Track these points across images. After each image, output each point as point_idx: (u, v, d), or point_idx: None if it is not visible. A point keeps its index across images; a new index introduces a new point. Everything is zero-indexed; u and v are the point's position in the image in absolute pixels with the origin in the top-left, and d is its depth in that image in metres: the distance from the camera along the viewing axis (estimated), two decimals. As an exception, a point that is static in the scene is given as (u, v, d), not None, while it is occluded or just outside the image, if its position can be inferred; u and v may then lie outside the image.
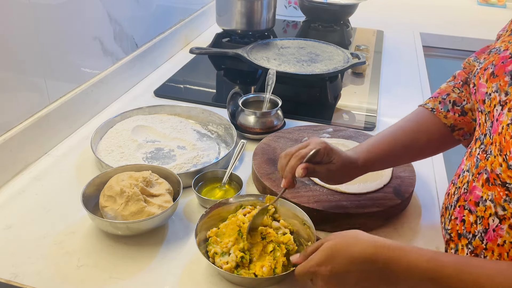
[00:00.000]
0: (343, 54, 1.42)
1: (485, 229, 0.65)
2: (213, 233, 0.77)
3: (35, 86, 0.98)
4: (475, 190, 0.67)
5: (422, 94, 1.41)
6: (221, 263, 0.72)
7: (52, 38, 1.01)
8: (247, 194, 0.84)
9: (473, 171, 0.69)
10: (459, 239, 0.70)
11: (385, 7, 2.31)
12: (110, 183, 0.82)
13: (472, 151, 0.71)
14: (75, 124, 1.11)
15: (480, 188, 0.66)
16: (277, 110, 1.14)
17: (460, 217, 0.70)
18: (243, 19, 1.55)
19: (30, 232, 0.81)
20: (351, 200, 0.87)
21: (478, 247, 0.66)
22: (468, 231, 0.68)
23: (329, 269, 0.63)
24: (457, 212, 0.70)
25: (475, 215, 0.67)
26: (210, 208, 0.80)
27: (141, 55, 1.36)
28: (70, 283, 0.72)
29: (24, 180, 0.94)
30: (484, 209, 0.65)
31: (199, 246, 0.74)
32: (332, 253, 0.64)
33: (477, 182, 0.67)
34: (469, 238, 0.68)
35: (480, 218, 0.66)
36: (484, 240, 0.65)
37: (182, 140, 1.07)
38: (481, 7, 2.41)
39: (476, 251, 0.66)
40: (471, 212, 0.67)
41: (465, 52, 1.98)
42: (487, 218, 0.65)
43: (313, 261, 0.65)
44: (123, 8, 1.25)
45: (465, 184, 0.70)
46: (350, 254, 0.63)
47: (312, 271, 0.65)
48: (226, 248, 0.74)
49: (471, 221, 0.67)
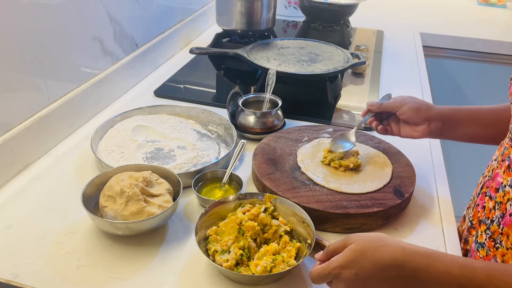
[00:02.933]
0: (343, 54, 1.42)
1: (502, 214, 0.65)
2: (213, 232, 0.77)
3: (35, 86, 0.98)
4: (497, 177, 0.68)
5: (422, 94, 1.41)
6: (221, 261, 0.72)
7: (52, 38, 1.01)
8: (246, 193, 0.84)
9: (499, 159, 0.69)
10: (479, 226, 0.70)
11: (385, 7, 2.32)
12: (110, 183, 0.82)
13: (503, 142, 0.72)
14: (75, 124, 1.11)
15: (502, 175, 0.67)
16: (277, 110, 1.14)
17: (481, 204, 0.70)
18: (243, 19, 1.55)
19: (30, 232, 0.81)
20: (351, 200, 0.87)
21: (495, 232, 0.66)
22: (487, 217, 0.68)
23: (354, 272, 0.60)
24: (479, 199, 0.71)
25: (494, 201, 0.67)
26: (209, 207, 0.80)
27: (141, 55, 1.36)
28: (70, 283, 0.72)
29: (24, 180, 0.94)
30: (503, 195, 0.65)
31: (199, 245, 0.74)
32: (358, 256, 0.61)
33: (500, 169, 0.68)
34: (487, 224, 0.68)
35: (498, 204, 0.66)
36: (501, 225, 0.65)
37: (182, 140, 1.07)
38: (481, 7, 2.41)
39: (493, 236, 0.66)
40: (491, 198, 0.68)
41: (465, 52, 1.98)
42: (505, 203, 0.65)
43: (336, 262, 0.62)
44: (123, 8, 1.25)
45: (490, 172, 0.71)
46: (377, 259, 0.60)
47: (334, 274, 0.62)
48: (226, 246, 0.74)
49: (490, 207, 0.68)
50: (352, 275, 0.60)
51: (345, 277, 0.61)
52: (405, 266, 0.59)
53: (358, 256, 0.61)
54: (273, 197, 0.83)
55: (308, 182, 0.91)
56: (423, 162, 1.03)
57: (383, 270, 0.59)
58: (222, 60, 1.54)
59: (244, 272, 0.71)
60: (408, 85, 1.48)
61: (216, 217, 0.81)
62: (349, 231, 0.84)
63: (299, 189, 0.89)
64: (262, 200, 0.82)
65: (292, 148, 1.02)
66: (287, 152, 1.00)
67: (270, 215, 0.81)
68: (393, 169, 0.95)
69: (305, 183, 0.91)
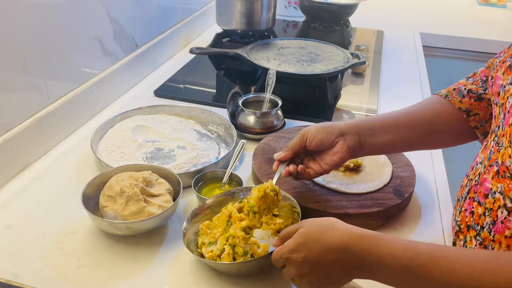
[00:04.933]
0: (343, 54, 1.42)
1: (493, 221, 0.65)
2: (205, 226, 0.78)
3: (35, 86, 0.98)
4: (485, 182, 0.67)
5: (422, 94, 1.41)
6: (207, 251, 0.73)
7: (52, 38, 1.01)
8: (225, 191, 0.85)
9: (485, 163, 0.69)
10: (467, 231, 0.70)
11: (385, 7, 2.31)
12: (110, 183, 0.82)
13: (487, 144, 0.72)
14: (75, 124, 1.11)
15: (490, 180, 0.66)
16: (277, 110, 1.14)
17: (469, 209, 0.70)
18: (243, 19, 1.55)
19: (30, 232, 0.81)
20: (351, 200, 0.87)
21: (486, 238, 0.66)
22: (476, 223, 0.68)
23: (303, 255, 0.62)
24: (467, 204, 0.71)
25: (484, 207, 0.67)
26: (197, 210, 0.81)
27: (141, 55, 1.36)
28: (70, 283, 0.72)
29: (24, 180, 0.94)
30: (493, 201, 0.65)
31: (189, 245, 0.75)
32: (306, 240, 0.63)
33: (488, 175, 0.67)
34: (477, 229, 0.68)
35: (488, 210, 0.66)
36: (492, 232, 0.65)
37: (182, 140, 1.07)
38: (481, 7, 2.41)
39: (484, 243, 0.66)
40: (480, 204, 0.67)
41: (465, 52, 1.98)
42: (495, 210, 0.64)
43: (286, 247, 0.64)
44: (123, 8, 1.25)
45: (476, 176, 0.71)
46: (324, 242, 0.62)
47: (285, 257, 0.64)
48: (214, 238, 0.75)
49: (479, 213, 0.67)
50: (301, 258, 0.62)
51: (295, 260, 0.63)
52: (350, 248, 0.60)
53: (307, 239, 0.63)
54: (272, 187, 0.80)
55: (308, 182, 0.91)
56: (423, 162, 1.03)
57: (331, 253, 0.61)
58: (222, 60, 1.54)
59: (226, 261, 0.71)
60: (408, 85, 1.48)
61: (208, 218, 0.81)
62: (349, 231, 0.84)
63: (299, 189, 0.89)
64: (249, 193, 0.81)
65: (292, 148, 1.02)
66: (287, 152, 1.00)
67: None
68: (393, 169, 0.95)
69: (305, 183, 0.91)
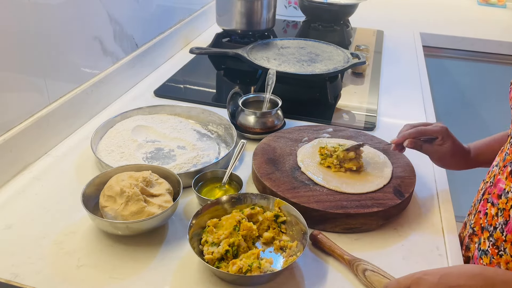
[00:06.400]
0: (343, 54, 1.42)
1: (505, 221, 0.65)
2: (212, 223, 0.78)
3: (35, 86, 0.98)
4: (499, 183, 0.68)
5: (422, 94, 1.41)
6: (207, 252, 0.73)
7: (52, 38, 1.01)
8: (239, 194, 0.85)
9: (500, 165, 0.69)
10: (481, 232, 0.70)
11: (385, 7, 2.32)
12: (110, 183, 0.82)
13: (504, 148, 0.72)
14: (75, 124, 1.11)
15: (504, 181, 0.66)
16: (277, 110, 1.14)
17: (483, 211, 0.70)
18: (243, 19, 1.55)
19: (30, 232, 0.81)
20: (351, 200, 0.87)
21: (498, 239, 0.66)
22: (489, 223, 0.68)
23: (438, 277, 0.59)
24: (481, 206, 0.71)
25: (497, 208, 0.67)
26: (203, 207, 0.81)
27: (141, 55, 1.36)
28: (70, 283, 0.72)
29: (24, 180, 0.94)
30: (505, 201, 0.65)
31: (191, 240, 0.75)
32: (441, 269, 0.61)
33: (502, 175, 0.67)
34: (490, 230, 0.68)
35: (501, 210, 0.66)
36: (504, 232, 0.65)
37: (182, 140, 1.07)
38: (481, 7, 2.41)
39: (497, 243, 0.66)
40: (493, 204, 0.68)
41: (465, 52, 1.98)
42: (508, 210, 0.64)
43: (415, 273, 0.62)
44: (123, 8, 1.25)
45: (492, 178, 0.71)
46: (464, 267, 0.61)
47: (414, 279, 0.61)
48: (217, 239, 0.75)
49: (492, 213, 0.68)
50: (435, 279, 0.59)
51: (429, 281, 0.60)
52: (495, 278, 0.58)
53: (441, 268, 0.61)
54: (282, 203, 0.82)
55: (308, 182, 0.91)
56: (423, 162, 1.03)
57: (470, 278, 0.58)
58: (222, 60, 1.55)
59: (223, 268, 0.71)
60: (408, 85, 1.48)
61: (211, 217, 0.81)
62: (349, 231, 0.85)
63: (299, 189, 0.89)
64: (261, 202, 0.83)
65: (292, 148, 1.02)
66: (287, 152, 1.00)
67: (278, 227, 0.81)
68: (393, 169, 0.95)
69: (305, 183, 0.91)
